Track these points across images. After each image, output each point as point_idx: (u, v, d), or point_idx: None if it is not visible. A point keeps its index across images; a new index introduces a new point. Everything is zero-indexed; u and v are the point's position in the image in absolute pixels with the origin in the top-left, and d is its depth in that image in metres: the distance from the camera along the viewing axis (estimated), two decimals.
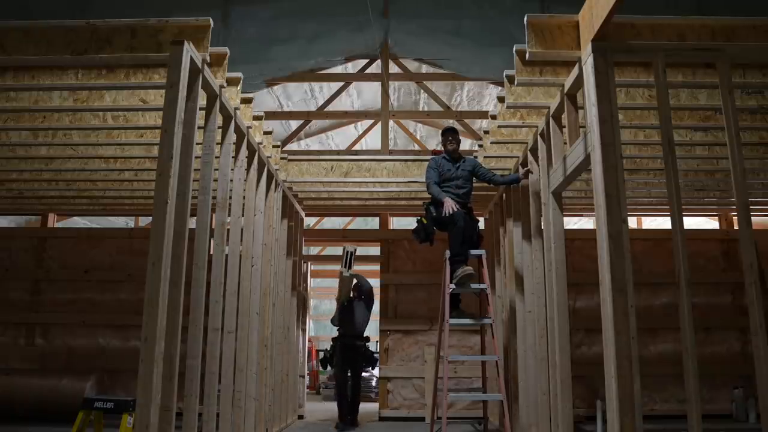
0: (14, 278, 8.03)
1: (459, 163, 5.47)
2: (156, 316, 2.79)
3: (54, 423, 6.53)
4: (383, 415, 7.57)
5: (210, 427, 3.75)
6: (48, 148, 5.48)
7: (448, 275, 5.13)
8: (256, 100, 5.68)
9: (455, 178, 5.39)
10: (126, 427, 4.48)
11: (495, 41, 6.64)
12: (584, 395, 7.18)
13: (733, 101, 3.11)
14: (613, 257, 2.84)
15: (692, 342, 2.81)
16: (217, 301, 3.92)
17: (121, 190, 6.91)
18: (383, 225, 8.46)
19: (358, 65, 7.99)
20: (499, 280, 6.53)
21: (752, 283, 2.88)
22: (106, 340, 7.85)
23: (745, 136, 5.01)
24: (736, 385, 7.29)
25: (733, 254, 7.83)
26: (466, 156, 5.65)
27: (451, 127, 5.73)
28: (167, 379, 2.93)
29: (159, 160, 2.99)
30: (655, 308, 7.61)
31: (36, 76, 3.72)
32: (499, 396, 4.98)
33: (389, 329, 7.90)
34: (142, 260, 3.45)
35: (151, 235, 2.90)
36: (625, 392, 2.71)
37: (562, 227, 4.06)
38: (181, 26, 3.26)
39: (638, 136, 4.99)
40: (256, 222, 4.97)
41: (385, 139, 7.40)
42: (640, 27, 3.16)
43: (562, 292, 3.95)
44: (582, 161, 3.45)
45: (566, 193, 5.15)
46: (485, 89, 8.53)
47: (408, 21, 7.25)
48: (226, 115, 4.11)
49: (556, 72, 3.71)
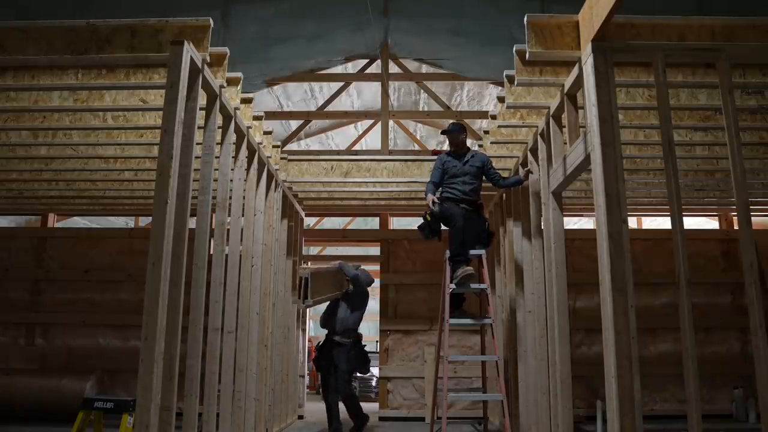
0: (14, 278, 8.03)
1: (467, 158, 5.26)
2: (156, 316, 2.79)
3: (54, 423, 6.53)
4: (383, 415, 7.57)
5: (210, 427, 3.75)
6: (48, 148, 5.48)
7: (448, 275, 5.12)
8: (256, 100, 5.68)
9: (461, 174, 5.21)
10: (126, 427, 4.48)
11: (495, 41, 6.64)
12: (584, 395, 7.18)
13: (733, 101, 3.11)
14: (613, 257, 2.84)
15: (692, 342, 2.81)
16: (217, 301, 3.92)
17: (121, 190, 6.91)
18: (383, 225, 8.47)
19: (358, 65, 7.99)
20: (499, 280, 6.53)
21: (752, 283, 2.88)
22: (106, 340, 7.85)
23: (745, 136, 5.01)
24: (736, 385, 7.29)
25: (733, 254, 7.83)
26: (475, 151, 5.43)
27: (453, 126, 5.48)
28: (167, 379, 2.93)
29: (159, 160, 2.99)
30: (655, 308, 7.61)
31: (36, 76, 3.71)
32: (499, 396, 4.98)
33: (389, 329, 7.89)
34: (142, 260, 3.45)
35: (151, 235, 2.90)
36: (625, 392, 2.71)
37: (562, 227, 4.06)
38: (181, 26, 3.26)
39: (638, 136, 4.99)
40: (256, 222, 4.97)
41: (385, 139, 7.40)
42: (640, 27, 3.16)
43: (562, 292, 3.95)
44: (582, 161, 3.45)
45: (566, 193, 5.15)
46: (485, 89, 8.53)
47: (408, 21, 7.25)
48: (226, 115, 4.11)
49: (556, 72, 3.71)
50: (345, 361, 5.75)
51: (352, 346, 5.89)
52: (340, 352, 5.79)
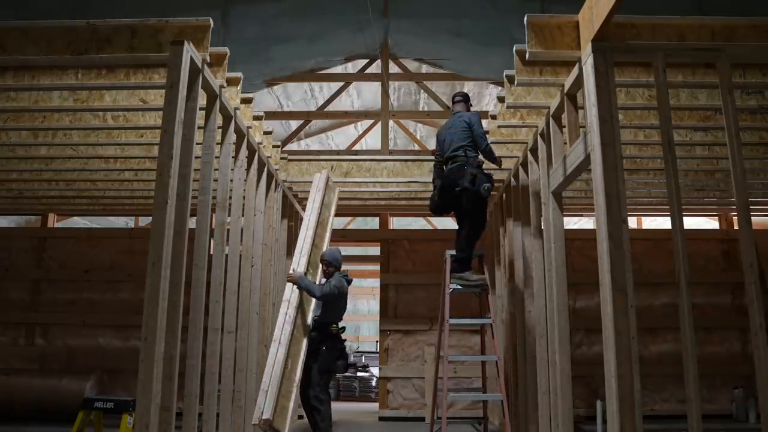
0: (14, 278, 8.03)
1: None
2: (156, 316, 2.79)
3: (54, 423, 6.53)
4: (383, 415, 7.57)
5: (210, 427, 3.75)
6: (48, 148, 5.48)
7: (448, 275, 5.12)
8: (256, 100, 5.68)
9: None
10: (126, 427, 4.48)
11: (495, 41, 6.64)
12: (584, 395, 7.18)
13: (733, 101, 3.11)
14: (613, 257, 2.84)
15: (692, 342, 2.81)
16: (217, 301, 3.92)
17: (121, 190, 6.91)
18: (383, 225, 8.47)
19: (358, 65, 7.99)
20: (499, 280, 6.53)
21: (752, 283, 2.88)
22: (106, 340, 7.85)
23: (745, 136, 5.01)
24: (736, 385, 7.29)
25: (733, 254, 7.83)
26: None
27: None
28: (167, 379, 2.93)
29: (159, 160, 3.00)
30: (655, 308, 7.61)
31: (36, 76, 3.72)
32: (499, 396, 4.98)
33: (389, 329, 7.89)
34: (142, 260, 3.46)
35: (151, 235, 2.90)
36: (625, 392, 2.71)
37: (562, 227, 4.06)
38: (181, 26, 3.26)
39: (638, 136, 4.99)
40: (256, 222, 4.97)
41: (385, 139, 7.40)
42: (640, 27, 3.16)
43: (562, 292, 3.95)
44: (582, 161, 3.45)
45: (566, 193, 5.15)
46: (485, 89, 8.53)
47: (408, 21, 7.25)
48: (226, 115, 4.11)
49: (556, 72, 3.71)
50: (314, 360, 5.06)
51: (325, 341, 5.13)
52: (312, 350, 5.10)
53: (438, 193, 5.06)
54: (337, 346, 5.19)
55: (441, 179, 5.05)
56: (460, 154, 4.90)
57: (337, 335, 5.22)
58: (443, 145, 5.10)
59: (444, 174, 5.02)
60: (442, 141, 5.14)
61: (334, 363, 5.15)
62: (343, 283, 5.25)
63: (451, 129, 5.04)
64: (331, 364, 5.13)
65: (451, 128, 5.06)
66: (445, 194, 4.95)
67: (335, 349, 5.16)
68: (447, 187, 4.92)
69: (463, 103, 5.25)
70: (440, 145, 5.17)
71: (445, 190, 4.96)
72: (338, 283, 5.20)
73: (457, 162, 4.89)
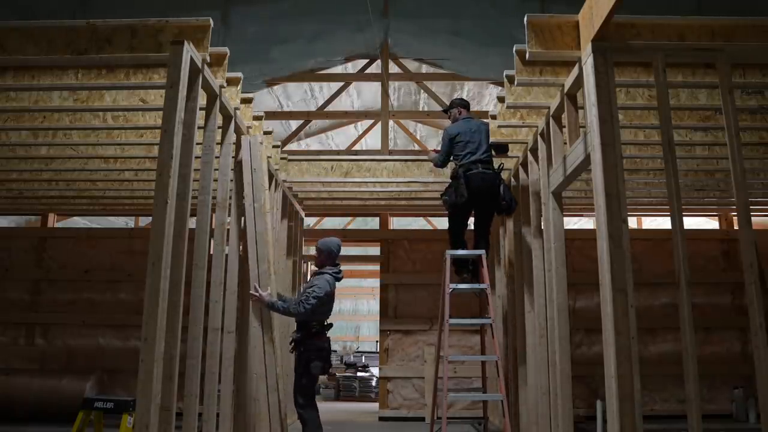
0: (14, 278, 8.03)
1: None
2: (156, 316, 2.79)
3: (54, 423, 6.53)
4: (383, 415, 7.57)
5: (210, 427, 3.75)
6: (48, 148, 5.48)
7: (448, 275, 5.12)
8: (256, 100, 5.68)
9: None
10: (126, 427, 4.48)
11: (495, 41, 6.63)
12: (584, 395, 7.18)
13: (733, 101, 3.11)
14: (613, 257, 2.84)
15: (692, 342, 2.81)
16: (217, 301, 3.92)
17: (121, 190, 6.91)
18: (383, 225, 8.47)
19: (358, 65, 7.99)
20: (499, 280, 6.53)
21: (752, 283, 2.89)
22: (106, 340, 7.85)
23: (745, 136, 5.01)
24: (736, 385, 7.29)
25: (733, 254, 7.83)
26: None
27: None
28: (167, 379, 2.93)
29: (159, 160, 2.99)
30: (655, 308, 7.61)
31: (36, 76, 3.72)
32: (499, 396, 4.97)
33: (389, 329, 7.89)
34: (142, 260, 3.45)
35: (151, 235, 2.90)
36: (625, 392, 2.71)
37: (562, 227, 4.06)
38: (181, 26, 3.26)
39: (638, 136, 4.99)
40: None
41: (385, 139, 7.40)
42: (640, 27, 3.16)
43: (562, 292, 3.95)
44: (582, 161, 3.45)
45: (566, 193, 5.14)
46: (485, 89, 8.54)
47: (408, 21, 7.25)
48: (226, 115, 4.11)
49: (556, 72, 3.71)
50: (296, 362, 4.54)
51: (306, 341, 4.48)
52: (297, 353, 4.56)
53: (466, 190, 4.84)
54: (316, 346, 4.50)
55: (473, 180, 4.87)
56: (491, 160, 5.01)
57: (318, 333, 4.52)
58: (466, 146, 4.97)
59: (479, 175, 4.89)
60: (466, 141, 4.98)
61: (309, 365, 4.44)
62: (327, 287, 4.48)
63: (476, 132, 5.01)
64: (306, 366, 4.45)
65: (475, 132, 5.01)
66: (477, 198, 4.89)
67: (313, 350, 4.48)
68: (483, 190, 4.87)
69: (467, 111, 5.34)
70: (462, 145, 4.99)
71: (480, 194, 4.88)
72: (321, 291, 4.42)
73: (491, 170, 4.96)
